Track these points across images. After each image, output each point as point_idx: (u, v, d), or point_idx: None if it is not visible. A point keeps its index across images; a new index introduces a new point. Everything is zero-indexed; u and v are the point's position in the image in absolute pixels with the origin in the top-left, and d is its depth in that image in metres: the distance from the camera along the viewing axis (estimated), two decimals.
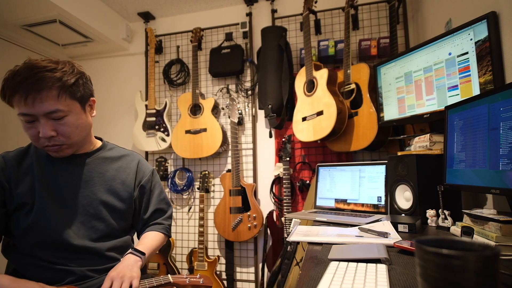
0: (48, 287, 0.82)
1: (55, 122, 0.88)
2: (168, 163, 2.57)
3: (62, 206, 0.96)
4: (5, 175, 0.92)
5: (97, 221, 0.99)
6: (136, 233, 1.15)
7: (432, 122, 1.52)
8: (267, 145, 2.42)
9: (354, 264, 0.64)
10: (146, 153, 2.63)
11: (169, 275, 0.98)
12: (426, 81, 1.39)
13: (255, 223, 2.18)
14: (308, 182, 2.21)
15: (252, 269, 2.33)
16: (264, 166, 2.41)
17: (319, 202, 1.54)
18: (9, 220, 0.93)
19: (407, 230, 0.99)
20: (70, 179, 0.99)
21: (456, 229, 0.94)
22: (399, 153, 1.36)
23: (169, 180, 2.51)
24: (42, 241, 0.92)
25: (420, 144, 1.34)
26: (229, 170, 2.35)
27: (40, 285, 0.81)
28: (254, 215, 2.19)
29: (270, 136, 2.38)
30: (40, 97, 0.83)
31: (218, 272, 2.32)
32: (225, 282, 2.30)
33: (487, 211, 0.85)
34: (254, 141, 2.43)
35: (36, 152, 0.99)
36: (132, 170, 1.11)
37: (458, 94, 1.24)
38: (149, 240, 1.05)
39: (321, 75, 1.98)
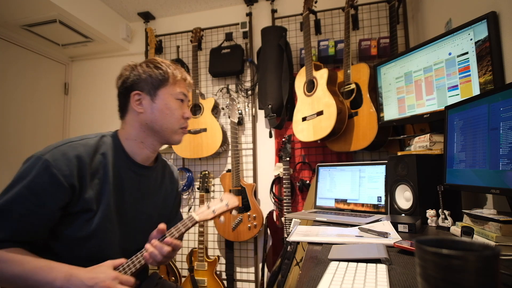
0: (118, 274, 0.79)
1: None
2: None
3: (121, 218, 0.90)
4: (78, 175, 0.81)
5: (146, 238, 0.93)
6: None
7: (432, 122, 1.52)
8: (267, 145, 2.42)
9: (354, 264, 0.64)
10: None
11: (192, 212, 0.91)
12: (426, 81, 1.39)
13: (255, 223, 2.18)
14: (308, 182, 2.21)
15: (252, 269, 2.33)
16: (264, 166, 2.41)
17: (319, 202, 1.54)
18: (60, 224, 0.82)
19: (407, 230, 0.99)
20: (134, 190, 0.94)
21: (456, 229, 0.94)
22: (399, 153, 1.36)
23: None
24: (92, 255, 0.84)
25: (420, 144, 1.34)
26: (229, 170, 2.35)
27: (112, 270, 0.78)
28: (254, 215, 2.19)
29: (270, 136, 2.38)
30: (190, 86, 1.01)
31: (218, 272, 2.32)
32: (225, 282, 2.30)
33: (487, 211, 0.85)
34: (254, 141, 2.43)
35: (115, 151, 0.91)
36: (175, 184, 1.12)
37: (458, 94, 1.24)
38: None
39: (321, 75, 1.98)
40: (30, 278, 0.73)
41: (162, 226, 0.88)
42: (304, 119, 2.04)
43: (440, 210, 1.07)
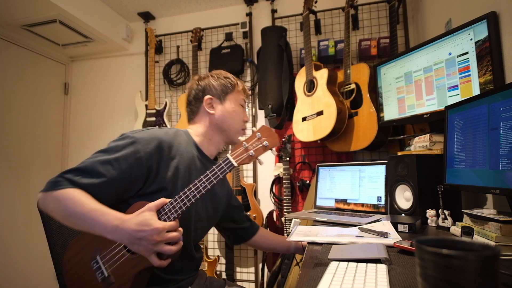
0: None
1: None
2: None
3: (195, 211, 1.00)
4: (156, 157, 0.90)
5: (203, 226, 1.07)
6: None
7: (432, 122, 1.51)
8: None
9: (354, 264, 0.64)
10: None
11: (228, 155, 0.83)
12: (426, 81, 1.39)
13: None
14: (308, 182, 2.20)
15: (252, 269, 2.33)
16: (264, 166, 2.41)
17: (319, 202, 1.54)
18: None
19: (407, 230, 0.99)
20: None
21: (456, 229, 0.94)
22: (399, 153, 1.36)
23: None
24: None
25: (420, 144, 1.34)
26: None
27: (157, 221, 0.78)
28: (254, 215, 2.19)
29: None
30: (248, 95, 1.17)
31: (218, 272, 2.32)
32: None
33: (487, 211, 0.85)
34: None
35: (188, 142, 1.03)
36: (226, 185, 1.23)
37: (458, 94, 1.24)
38: None
39: (321, 75, 1.98)
40: (87, 219, 0.78)
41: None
42: (304, 119, 2.04)
43: (440, 210, 1.07)
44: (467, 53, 1.19)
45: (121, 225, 0.77)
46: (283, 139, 2.18)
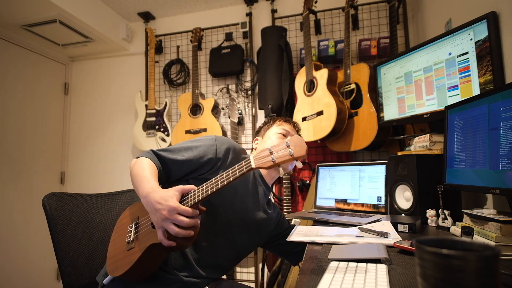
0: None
1: None
2: None
3: (235, 211, 1.05)
4: (224, 157, 1.03)
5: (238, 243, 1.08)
6: None
7: (432, 122, 1.52)
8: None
9: (354, 264, 0.64)
10: None
11: (251, 155, 0.81)
12: (426, 81, 1.39)
13: None
14: (308, 182, 2.20)
15: (252, 269, 2.33)
16: None
17: (319, 202, 1.54)
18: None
19: (407, 230, 0.99)
20: (247, 198, 1.09)
21: (456, 229, 0.94)
22: (399, 153, 1.36)
23: None
24: (207, 229, 0.98)
25: (420, 144, 1.34)
26: None
27: (174, 201, 0.83)
28: None
29: None
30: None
31: None
32: None
33: (487, 211, 0.85)
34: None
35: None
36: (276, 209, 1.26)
37: (458, 94, 1.24)
38: None
39: (321, 75, 1.98)
40: (137, 181, 0.91)
41: None
42: (304, 119, 2.04)
43: (440, 210, 1.07)
44: (467, 53, 1.19)
45: (151, 193, 0.84)
46: None
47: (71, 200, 1.11)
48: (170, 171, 1.01)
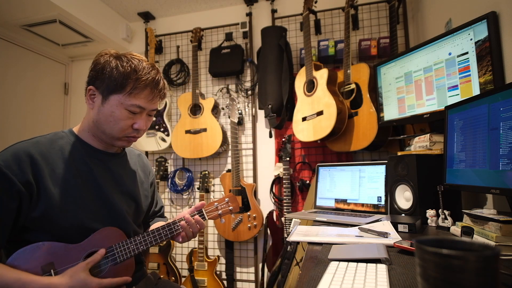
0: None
1: (148, 118, 0.96)
2: (168, 163, 2.57)
3: (103, 202, 0.92)
4: (33, 172, 0.82)
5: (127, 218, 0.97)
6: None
7: (432, 122, 1.52)
8: (267, 145, 2.42)
9: (354, 264, 0.64)
10: (146, 153, 2.63)
11: (203, 209, 1.00)
12: (426, 81, 1.39)
13: (255, 223, 2.18)
14: (308, 182, 2.20)
15: (252, 269, 2.33)
16: (264, 166, 2.41)
17: (319, 202, 1.54)
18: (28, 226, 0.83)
19: (407, 230, 0.99)
20: (106, 175, 0.95)
21: (456, 229, 0.94)
22: (399, 153, 1.36)
23: (169, 180, 2.51)
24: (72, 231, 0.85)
25: (420, 144, 1.34)
26: (229, 170, 2.35)
27: (91, 278, 0.77)
28: (254, 215, 2.19)
29: (270, 136, 2.38)
30: (158, 96, 0.93)
31: (218, 272, 2.32)
32: (225, 282, 2.30)
33: (487, 211, 0.85)
34: (254, 141, 2.42)
35: (73, 144, 0.94)
36: (148, 167, 1.16)
37: (458, 94, 1.24)
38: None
39: (321, 75, 1.98)
40: None
41: (199, 204, 1.00)
42: (304, 119, 2.04)
43: (440, 210, 1.07)
44: (467, 53, 1.19)
45: None
46: (283, 139, 2.19)
47: None
48: None
